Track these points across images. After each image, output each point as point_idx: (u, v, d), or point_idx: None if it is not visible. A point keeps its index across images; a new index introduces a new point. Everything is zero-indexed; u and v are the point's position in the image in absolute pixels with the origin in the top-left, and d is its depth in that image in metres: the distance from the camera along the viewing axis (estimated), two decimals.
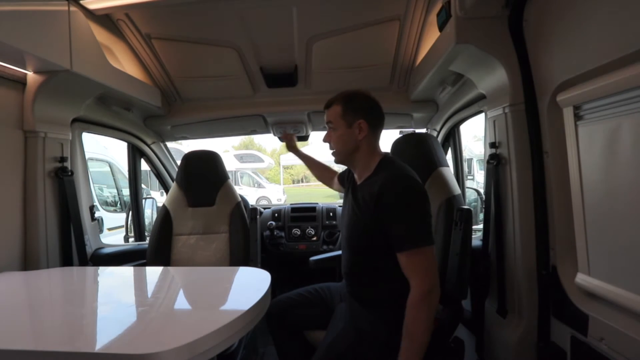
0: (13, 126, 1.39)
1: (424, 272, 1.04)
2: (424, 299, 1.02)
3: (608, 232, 0.94)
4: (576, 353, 1.05)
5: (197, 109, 2.20)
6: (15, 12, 1.14)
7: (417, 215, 1.07)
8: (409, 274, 1.06)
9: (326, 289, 1.49)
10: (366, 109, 1.21)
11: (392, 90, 2.10)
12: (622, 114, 0.87)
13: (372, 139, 1.23)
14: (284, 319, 1.43)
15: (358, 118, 1.19)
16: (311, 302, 1.44)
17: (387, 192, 1.08)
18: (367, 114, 1.21)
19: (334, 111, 1.23)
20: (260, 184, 12.91)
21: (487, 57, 1.24)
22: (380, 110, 1.26)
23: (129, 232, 2.49)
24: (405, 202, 1.07)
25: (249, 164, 13.40)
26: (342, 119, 1.21)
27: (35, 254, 1.43)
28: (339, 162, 1.29)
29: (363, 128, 1.19)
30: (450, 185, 1.49)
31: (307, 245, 2.43)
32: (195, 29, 1.69)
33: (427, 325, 1.02)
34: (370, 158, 1.22)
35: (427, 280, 1.03)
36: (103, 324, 0.88)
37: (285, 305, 1.44)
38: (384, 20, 1.64)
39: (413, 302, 1.03)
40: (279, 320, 1.43)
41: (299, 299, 1.45)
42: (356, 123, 1.19)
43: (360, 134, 1.20)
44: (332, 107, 1.25)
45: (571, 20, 0.97)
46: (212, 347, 0.77)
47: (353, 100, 1.22)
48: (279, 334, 1.45)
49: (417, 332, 1.02)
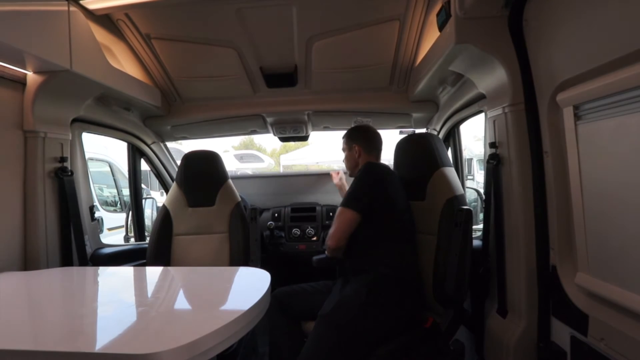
0: (13, 126, 1.39)
1: (337, 222, 1.42)
2: (330, 236, 1.43)
3: (608, 232, 0.94)
4: (576, 353, 1.05)
5: (197, 109, 2.20)
6: (15, 12, 1.14)
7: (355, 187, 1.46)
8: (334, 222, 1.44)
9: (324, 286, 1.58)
10: (360, 137, 1.70)
11: (392, 90, 2.10)
12: (622, 114, 0.87)
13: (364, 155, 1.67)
14: (284, 307, 1.53)
15: (353, 143, 1.70)
16: (311, 294, 1.54)
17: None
18: (361, 140, 1.69)
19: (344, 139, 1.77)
20: None
21: (487, 57, 1.24)
22: (374, 138, 1.71)
23: (129, 232, 2.49)
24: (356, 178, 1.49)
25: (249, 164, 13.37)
26: (346, 144, 1.74)
27: (35, 254, 1.43)
28: (352, 177, 1.68)
29: (357, 150, 1.67)
30: (452, 185, 1.49)
31: (307, 245, 2.43)
32: (195, 29, 1.69)
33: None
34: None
35: (335, 228, 1.42)
36: (103, 324, 0.88)
37: (287, 293, 1.57)
38: (384, 20, 1.63)
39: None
40: (280, 307, 1.53)
41: (300, 290, 1.58)
42: (353, 147, 1.69)
43: (356, 153, 1.68)
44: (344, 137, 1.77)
45: (571, 20, 0.97)
46: (212, 347, 0.77)
47: (354, 131, 1.75)
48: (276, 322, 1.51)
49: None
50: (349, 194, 1.45)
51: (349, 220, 1.40)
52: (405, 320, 1.33)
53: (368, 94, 2.13)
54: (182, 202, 1.96)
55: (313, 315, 1.40)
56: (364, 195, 1.42)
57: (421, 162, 1.58)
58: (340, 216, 1.41)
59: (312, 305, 1.45)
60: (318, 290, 1.57)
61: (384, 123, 2.40)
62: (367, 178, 1.45)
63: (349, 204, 1.41)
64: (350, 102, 2.15)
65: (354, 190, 1.45)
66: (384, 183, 1.45)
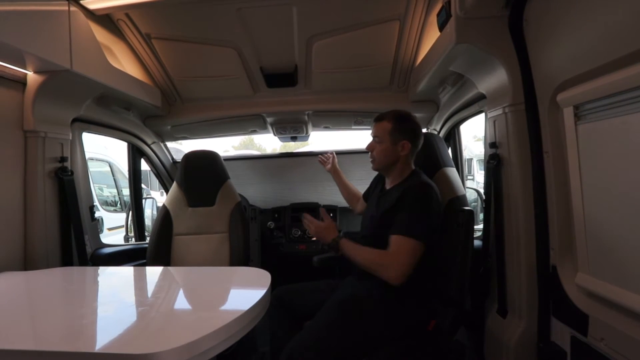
0: (13, 126, 1.39)
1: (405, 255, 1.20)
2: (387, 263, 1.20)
3: (608, 232, 0.94)
4: (576, 353, 1.05)
5: (197, 109, 2.20)
6: (15, 12, 1.14)
7: (422, 213, 1.23)
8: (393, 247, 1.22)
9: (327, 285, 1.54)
10: (412, 133, 1.38)
11: (392, 90, 2.10)
12: (622, 114, 0.87)
13: (410, 156, 1.41)
14: (285, 305, 1.49)
15: (403, 139, 1.36)
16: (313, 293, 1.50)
17: (409, 192, 1.27)
18: (413, 137, 1.38)
19: (383, 127, 1.38)
20: None
21: (487, 57, 1.24)
22: (422, 135, 1.42)
23: (129, 232, 2.49)
24: (419, 201, 1.25)
25: None
26: (389, 136, 1.37)
27: (35, 254, 1.43)
28: (376, 170, 1.47)
29: (405, 148, 1.36)
30: (454, 186, 1.49)
31: (307, 245, 2.43)
32: (195, 29, 1.69)
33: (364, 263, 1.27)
34: (404, 170, 1.40)
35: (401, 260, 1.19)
36: (103, 324, 0.88)
37: (288, 291, 1.53)
38: (384, 20, 1.63)
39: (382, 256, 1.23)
40: (281, 305, 1.49)
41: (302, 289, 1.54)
42: (401, 143, 1.36)
43: (402, 151, 1.37)
44: (383, 122, 1.39)
45: (571, 20, 0.97)
46: (212, 347, 0.77)
47: (403, 122, 1.38)
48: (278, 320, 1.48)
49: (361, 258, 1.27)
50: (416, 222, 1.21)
51: (419, 253, 1.21)
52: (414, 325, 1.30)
53: (368, 94, 2.13)
54: (182, 202, 1.96)
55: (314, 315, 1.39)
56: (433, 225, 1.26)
57: (423, 162, 1.58)
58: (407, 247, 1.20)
59: (314, 304, 1.43)
60: (320, 289, 1.53)
61: None
62: (436, 206, 1.28)
63: (418, 235, 1.20)
64: (351, 102, 2.15)
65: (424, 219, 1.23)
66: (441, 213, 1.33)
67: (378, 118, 1.41)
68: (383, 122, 1.38)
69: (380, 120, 1.40)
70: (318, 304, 1.38)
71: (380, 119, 1.40)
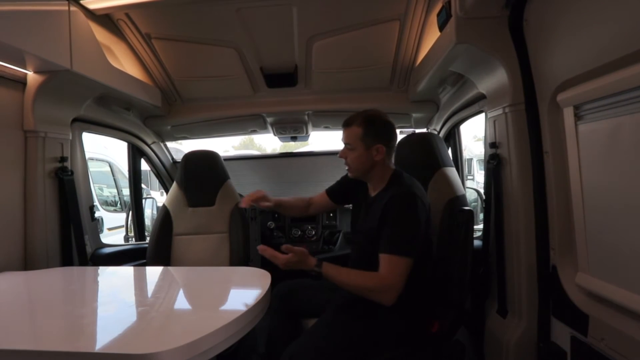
0: (13, 126, 1.39)
1: (398, 275, 1.14)
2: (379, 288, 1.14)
3: (608, 232, 0.94)
4: (576, 353, 1.05)
5: (197, 109, 2.20)
6: (15, 12, 1.14)
7: (409, 228, 1.17)
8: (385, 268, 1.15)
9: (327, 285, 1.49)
10: (385, 134, 1.28)
11: (392, 91, 2.10)
12: (622, 114, 0.87)
13: (387, 158, 1.31)
14: (285, 301, 1.47)
15: (377, 143, 1.26)
16: (314, 291, 1.48)
17: (394, 204, 1.19)
18: (386, 138, 1.28)
19: (353, 132, 1.28)
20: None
21: (487, 57, 1.24)
22: (396, 133, 1.33)
23: (129, 232, 2.49)
24: (405, 213, 1.18)
25: None
26: (361, 141, 1.27)
27: (35, 254, 1.43)
28: (354, 178, 1.37)
29: (380, 152, 1.26)
30: (454, 186, 1.49)
31: (307, 245, 2.43)
32: (195, 29, 1.69)
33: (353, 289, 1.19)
34: (383, 173, 1.31)
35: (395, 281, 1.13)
36: (103, 324, 0.88)
37: (288, 288, 1.50)
38: (384, 20, 1.63)
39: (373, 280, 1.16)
40: (280, 301, 1.46)
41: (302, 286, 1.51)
42: (374, 147, 1.26)
43: (377, 155, 1.27)
44: (352, 127, 1.29)
45: (571, 20, 0.97)
46: (212, 347, 0.77)
47: (373, 125, 1.27)
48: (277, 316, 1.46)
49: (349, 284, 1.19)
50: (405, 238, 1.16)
51: (408, 269, 1.15)
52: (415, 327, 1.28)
53: (368, 94, 2.13)
54: (182, 202, 1.96)
55: (313, 312, 1.38)
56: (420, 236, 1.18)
57: (422, 162, 1.58)
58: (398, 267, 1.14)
59: (314, 302, 1.42)
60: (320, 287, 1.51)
61: None
62: (422, 214, 1.19)
63: (407, 252, 1.15)
64: (351, 102, 2.14)
65: (408, 232, 1.17)
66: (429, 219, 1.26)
67: (346, 123, 1.30)
68: (352, 127, 1.28)
69: (349, 125, 1.29)
70: (318, 303, 1.38)
71: (349, 124, 1.29)
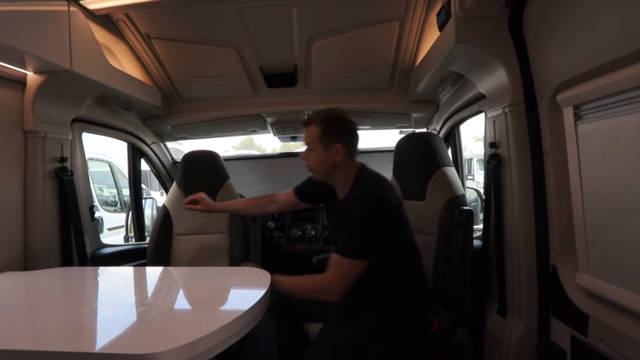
0: (13, 126, 1.39)
1: (341, 276, 1.13)
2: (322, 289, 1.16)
3: (608, 232, 0.94)
4: (576, 353, 1.05)
5: (197, 109, 2.20)
6: (15, 12, 1.14)
7: (363, 229, 1.14)
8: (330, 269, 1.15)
9: None
10: (344, 133, 1.24)
11: (392, 91, 2.10)
12: (622, 114, 0.87)
13: (349, 158, 1.25)
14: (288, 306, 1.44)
15: (335, 142, 1.21)
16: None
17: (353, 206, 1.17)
18: (345, 138, 1.23)
19: (312, 132, 1.25)
20: None
21: (487, 57, 1.24)
22: (356, 132, 1.28)
23: (129, 232, 2.49)
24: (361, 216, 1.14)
25: None
26: (319, 141, 1.23)
27: (35, 254, 1.43)
28: (317, 179, 1.33)
29: (340, 151, 1.22)
30: (453, 185, 1.49)
31: (307, 245, 2.43)
32: (195, 29, 1.69)
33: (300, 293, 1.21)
34: (347, 174, 1.27)
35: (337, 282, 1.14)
36: (103, 324, 0.88)
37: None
38: (384, 20, 1.63)
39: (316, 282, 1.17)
40: (283, 307, 1.45)
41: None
42: (333, 147, 1.21)
43: (337, 156, 1.22)
44: (310, 127, 1.26)
45: (571, 20, 0.97)
46: (212, 347, 0.77)
47: (331, 123, 1.23)
48: (281, 323, 1.46)
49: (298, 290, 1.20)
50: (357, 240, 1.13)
51: (358, 270, 1.13)
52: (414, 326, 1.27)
53: (368, 94, 2.13)
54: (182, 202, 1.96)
55: (314, 317, 1.38)
56: (378, 241, 1.15)
57: (421, 161, 1.58)
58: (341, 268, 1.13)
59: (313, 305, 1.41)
60: None
61: (384, 123, 2.40)
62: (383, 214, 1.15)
63: (355, 253, 1.12)
64: (350, 102, 2.14)
65: (365, 234, 1.13)
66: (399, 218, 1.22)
67: (305, 122, 1.28)
68: (311, 126, 1.25)
69: (307, 124, 1.26)
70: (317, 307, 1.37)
71: (307, 123, 1.26)
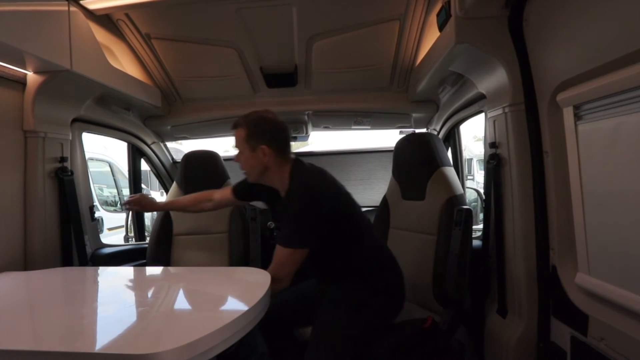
0: (13, 126, 1.39)
1: (281, 265, 1.19)
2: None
3: (608, 232, 0.94)
4: (576, 353, 1.05)
5: (197, 109, 2.20)
6: (15, 12, 1.14)
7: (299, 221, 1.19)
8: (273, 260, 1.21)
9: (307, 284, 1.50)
10: (268, 135, 1.25)
11: (392, 91, 2.10)
12: (622, 114, 0.87)
13: (279, 157, 1.27)
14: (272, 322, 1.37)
15: (261, 143, 1.23)
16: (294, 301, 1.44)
17: (290, 201, 1.22)
18: (270, 139, 1.24)
19: (239, 135, 1.27)
20: None
21: (487, 57, 1.24)
22: (284, 133, 1.29)
23: (129, 232, 2.49)
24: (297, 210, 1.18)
25: None
26: (246, 143, 1.25)
27: (35, 254, 1.43)
28: (253, 182, 1.34)
29: (266, 152, 1.24)
30: (452, 185, 1.49)
31: None
32: (195, 29, 1.69)
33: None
34: (281, 172, 1.28)
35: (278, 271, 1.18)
36: (103, 324, 0.88)
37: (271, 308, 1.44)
38: (384, 20, 1.63)
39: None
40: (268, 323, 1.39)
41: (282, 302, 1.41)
42: (259, 148, 1.24)
43: (264, 157, 1.24)
44: (238, 129, 1.28)
45: (571, 20, 0.97)
46: (212, 347, 0.77)
47: (256, 125, 1.26)
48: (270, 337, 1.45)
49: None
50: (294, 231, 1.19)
51: (300, 258, 1.19)
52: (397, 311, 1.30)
53: (368, 94, 2.13)
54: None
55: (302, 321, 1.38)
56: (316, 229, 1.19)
57: (421, 161, 1.58)
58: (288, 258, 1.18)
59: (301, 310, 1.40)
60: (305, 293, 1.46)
61: (384, 123, 2.40)
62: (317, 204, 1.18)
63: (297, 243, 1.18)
64: (350, 102, 2.15)
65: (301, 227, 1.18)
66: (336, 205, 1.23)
67: (234, 125, 1.29)
68: (238, 129, 1.27)
69: (235, 127, 1.28)
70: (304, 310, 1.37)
71: (235, 126, 1.28)
